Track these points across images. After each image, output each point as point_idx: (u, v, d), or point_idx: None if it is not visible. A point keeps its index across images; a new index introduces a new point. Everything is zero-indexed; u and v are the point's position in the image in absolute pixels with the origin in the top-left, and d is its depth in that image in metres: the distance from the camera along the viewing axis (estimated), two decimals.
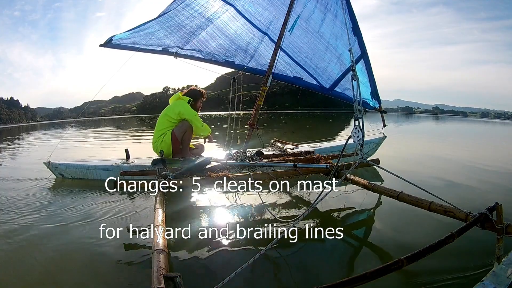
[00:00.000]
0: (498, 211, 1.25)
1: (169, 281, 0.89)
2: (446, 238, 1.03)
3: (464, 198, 2.51)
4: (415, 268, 1.28)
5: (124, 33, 3.07)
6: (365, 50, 3.10)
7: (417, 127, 15.37)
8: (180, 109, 2.85)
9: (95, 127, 18.43)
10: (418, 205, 1.59)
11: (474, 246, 1.53)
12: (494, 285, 1.08)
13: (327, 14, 3.14)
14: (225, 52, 3.39)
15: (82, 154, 5.40)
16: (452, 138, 9.58)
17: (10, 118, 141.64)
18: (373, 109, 3.36)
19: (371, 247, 1.65)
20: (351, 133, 1.66)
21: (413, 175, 3.24)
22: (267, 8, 3.23)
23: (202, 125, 2.92)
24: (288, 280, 1.38)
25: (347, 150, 2.39)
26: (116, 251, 1.61)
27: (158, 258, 1.02)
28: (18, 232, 1.82)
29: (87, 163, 3.10)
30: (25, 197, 2.54)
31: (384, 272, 0.87)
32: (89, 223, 1.96)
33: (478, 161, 4.52)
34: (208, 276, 1.39)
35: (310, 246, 1.66)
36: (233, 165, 2.44)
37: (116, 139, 9.35)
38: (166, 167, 2.28)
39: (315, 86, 3.47)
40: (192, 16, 3.13)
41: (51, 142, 9.11)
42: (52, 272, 1.41)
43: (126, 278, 1.35)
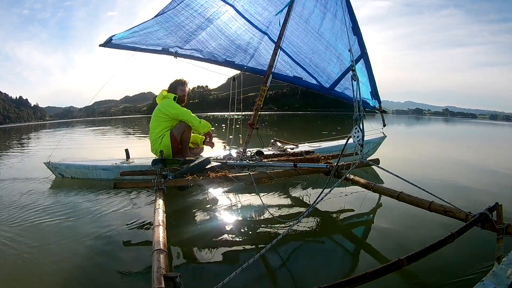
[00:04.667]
0: (498, 211, 1.25)
1: (169, 281, 0.89)
2: (446, 238, 1.03)
3: (465, 198, 2.51)
4: (415, 268, 1.28)
5: (124, 33, 3.07)
6: (365, 49, 3.10)
7: (426, 129, 15.42)
8: (173, 111, 2.78)
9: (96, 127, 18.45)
10: (418, 205, 1.59)
11: (474, 246, 1.53)
12: (494, 285, 1.07)
13: (326, 14, 3.13)
14: (225, 52, 3.39)
15: (83, 154, 5.40)
16: (460, 140, 9.60)
17: (19, 117, 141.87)
18: (373, 109, 3.36)
19: (371, 247, 1.65)
20: (351, 133, 1.66)
21: (415, 176, 3.25)
22: (266, 8, 3.23)
23: (200, 122, 2.87)
24: (288, 280, 1.38)
25: (347, 150, 2.39)
26: (116, 251, 1.61)
27: (158, 258, 1.02)
28: (18, 232, 1.82)
29: (87, 163, 3.10)
30: (25, 197, 2.54)
31: (384, 272, 0.87)
32: (89, 223, 1.96)
33: (483, 162, 4.53)
34: (208, 276, 1.39)
35: (310, 246, 1.66)
36: (233, 165, 2.44)
37: (116, 139, 9.35)
38: (166, 167, 2.28)
39: (315, 85, 3.47)
40: (192, 16, 3.13)
41: (55, 142, 9.11)
42: (51, 271, 1.40)
43: (126, 278, 1.35)
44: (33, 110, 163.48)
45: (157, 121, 2.85)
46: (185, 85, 3.03)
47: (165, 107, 2.81)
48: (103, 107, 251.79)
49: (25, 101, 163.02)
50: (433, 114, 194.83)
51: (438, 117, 76.90)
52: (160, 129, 2.83)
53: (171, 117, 2.81)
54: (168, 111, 2.80)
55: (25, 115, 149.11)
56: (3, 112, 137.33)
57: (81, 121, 37.02)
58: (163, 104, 2.85)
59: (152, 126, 2.88)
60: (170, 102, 2.84)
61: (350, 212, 2.18)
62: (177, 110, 2.81)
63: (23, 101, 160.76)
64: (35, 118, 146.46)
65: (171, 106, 2.81)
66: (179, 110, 2.82)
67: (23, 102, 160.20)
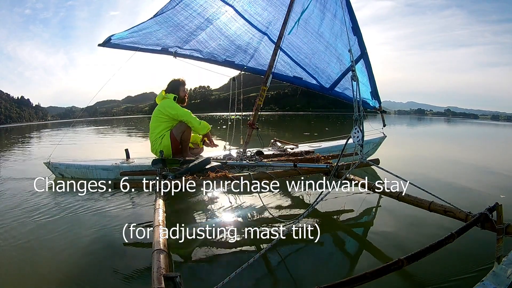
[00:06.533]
0: (498, 211, 1.25)
1: (169, 281, 0.89)
2: (446, 238, 1.03)
3: (465, 199, 2.51)
4: (415, 268, 1.28)
5: (123, 33, 3.06)
6: (365, 49, 3.10)
7: (428, 130, 15.43)
8: (173, 111, 2.78)
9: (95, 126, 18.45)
10: (418, 205, 1.59)
11: (474, 246, 1.53)
12: (494, 285, 1.08)
13: (326, 14, 3.13)
14: (224, 52, 3.39)
15: (83, 154, 5.40)
16: (461, 140, 9.60)
17: (21, 117, 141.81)
18: (373, 109, 3.36)
19: (371, 247, 1.65)
20: (351, 133, 1.66)
21: (415, 176, 3.25)
22: (266, 8, 3.23)
23: (199, 123, 2.87)
24: (288, 280, 1.38)
25: (347, 150, 2.39)
26: (116, 250, 1.61)
27: (158, 258, 1.02)
28: (17, 232, 1.82)
29: (87, 163, 3.10)
30: (24, 197, 2.54)
31: (384, 272, 0.87)
32: (89, 223, 1.96)
33: (483, 163, 4.53)
34: (208, 276, 1.38)
35: (310, 246, 1.66)
36: (233, 165, 2.44)
37: (114, 138, 9.35)
38: (166, 167, 2.28)
39: (315, 86, 3.47)
40: (191, 16, 3.13)
41: (55, 141, 9.11)
42: (51, 271, 1.40)
43: (126, 278, 1.35)
44: (35, 110, 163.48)
45: (157, 121, 2.84)
46: (185, 85, 3.03)
47: (165, 108, 2.81)
48: (105, 107, 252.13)
49: (27, 101, 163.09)
50: (435, 114, 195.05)
51: (440, 118, 77.06)
52: (160, 129, 2.82)
53: (171, 118, 2.81)
54: (168, 111, 2.79)
55: (27, 115, 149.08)
56: (4, 112, 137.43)
57: (83, 121, 37.04)
58: (163, 104, 2.84)
59: (152, 127, 2.88)
60: (170, 102, 2.84)
61: (350, 212, 2.18)
62: (177, 111, 2.80)
63: (24, 101, 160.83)
64: (36, 118, 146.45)
65: (170, 107, 2.80)
66: (179, 110, 2.81)
67: (25, 102, 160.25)
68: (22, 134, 14.75)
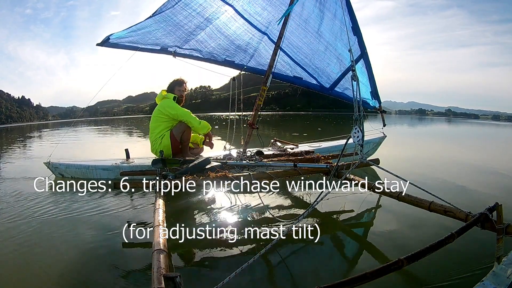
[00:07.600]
0: (498, 211, 1.25)
1: (169, 281, 0.89)
2: (446, 238, 1.03)
3: (465, 199, 2.51)
4: (415, 268, 1.28)
5: (121, 32, 3.05)
6: (365, 49, 3.09)
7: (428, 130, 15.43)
8: (172, 111, 2.78)
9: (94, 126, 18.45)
10: (418, 205, 1.59)
11: (474, 246, 1.53)
12: (494, 285, 1.07)
13: (326, 14, 3.13)
14: (224, 52, 3.39)
15: (83, 153, 5.40)
16: (461, 140, 9.60)
17: (21, 117, 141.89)
18: (373, 109, 3.36)
19: (371, 247, 1.65)
20: (351, 133, 1.66)
21: (415, 176, 3.25)
22: (266, 8, 3.23)
23: (199, 123, 2.87)
24: (288, 280, 1.38)
25: (347, 150, 2.39)
26: (116, 251, 1.61)
27: (158, 258, 1.02)
28: (17, 232, 1.82)
29: (87, 163, 3.09)
30: (24, 197, 2.54)
31: (384, 272, 0.87)
32: (89, 223, 1.96)
33: (483, 163, 4.52)
34: (208, 276, 1.39)
35: (310, 246, 1.66)
36: (233, 165, 2.44)
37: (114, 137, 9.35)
38: (166, 167, 2.28)
39: (315, 85, 3.46)
40: (190, 15, 3.12)
41: (56, 141, 9.11)
42: (51, 271, 1.40)
43: (126, 278, 1.35)
44: (36, 110, 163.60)
45: (157, 121, 2.84)
46: (183, 84, 3.02)
47: (165, 108, 2.81)
48: (106, 107, 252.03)
49: (28, 100, 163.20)
50: (435, 114, 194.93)
51: (441, 118, 77.10)
52: (160, 129, 2.82)
53: (170, 118, 2.81)
54: (167, 111, 2.79)
55: (28, 115, 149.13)
56: (5, 112, 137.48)
57: (84, 121, 37.04)
58: (162, 104, 2.84)
59: (152, 127, 2.88)
60: (169, 102, 2.84)
61: (350, 212, 2.18)
62: (177, 111, 2.80)
63: (25, 100, 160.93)
64: (37, 118, 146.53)
65: (170, 107, 2.80)
66: (179, 110, 2.81)
67: (26, 102, 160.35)
68: (23, 134, 14.75)
